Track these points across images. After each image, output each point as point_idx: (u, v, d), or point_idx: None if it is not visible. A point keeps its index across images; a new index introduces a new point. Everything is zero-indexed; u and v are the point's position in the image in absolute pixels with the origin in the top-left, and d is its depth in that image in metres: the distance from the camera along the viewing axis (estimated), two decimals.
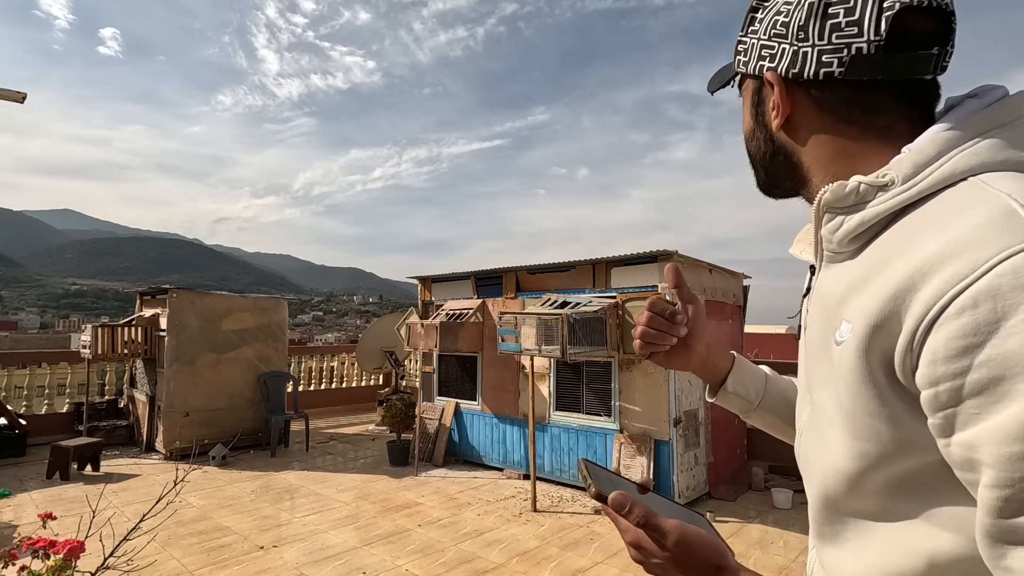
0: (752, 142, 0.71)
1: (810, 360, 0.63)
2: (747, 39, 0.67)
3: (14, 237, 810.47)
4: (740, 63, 0.69)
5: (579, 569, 3.64)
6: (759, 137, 0.69)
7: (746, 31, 0.68)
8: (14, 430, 6.63)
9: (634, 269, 5.18)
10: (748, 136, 0.71)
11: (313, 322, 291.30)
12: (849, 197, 0.55)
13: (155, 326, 7.21)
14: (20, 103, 5.00)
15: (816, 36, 0.58)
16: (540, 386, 5.65)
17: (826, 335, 0.57)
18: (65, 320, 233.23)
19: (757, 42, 0.66)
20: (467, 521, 4.54)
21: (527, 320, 4.90)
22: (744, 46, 0.68)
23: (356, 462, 6.58)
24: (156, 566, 3.60)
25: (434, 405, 6.75)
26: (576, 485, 5.36)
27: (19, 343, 49.07)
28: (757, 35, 0.66)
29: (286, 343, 7.97)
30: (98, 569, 1.69)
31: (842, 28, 0.56)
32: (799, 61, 0.60)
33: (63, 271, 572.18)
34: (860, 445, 0.53)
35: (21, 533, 4.11)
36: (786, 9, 0.61)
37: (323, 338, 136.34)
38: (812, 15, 0.58)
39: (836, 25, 0.57)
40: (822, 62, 0.58)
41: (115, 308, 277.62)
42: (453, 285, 6.80)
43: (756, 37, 0.66)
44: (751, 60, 0.66)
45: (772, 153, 0.68)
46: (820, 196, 0.58)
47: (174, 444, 6.52)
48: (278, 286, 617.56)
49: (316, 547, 3.99)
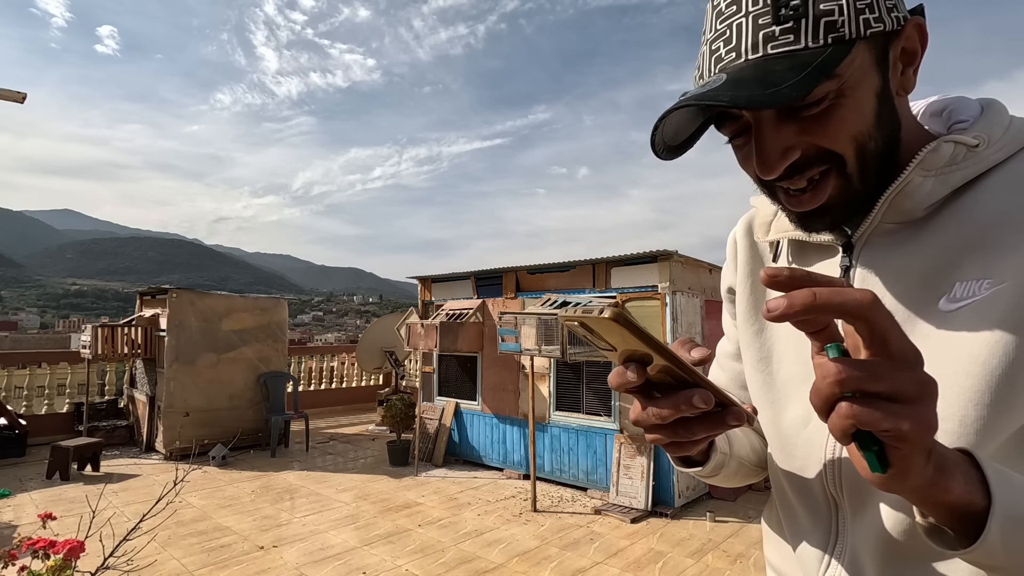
0: (877, 129, 0.53)
1: None
2: (827, 3, 0.49)
3: (14, 237, 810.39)
4: (836, 31, 0.49)
5: (579, 569, 3.64)
6: (886, 120, 0.54)
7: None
8: (14, 430, 6.63)
9: (634, 269, 5.18)
10: (871, 129, 0.53)
11: (313, 322, 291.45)
12: (942, 159, 0.53)
13: (155, 326, 7.21)
14: (20, 103, 5.00)
15: None
16: (540, 386, 5.65)
17: (916, 307, 0.53)
18: (65, 320, 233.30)
19: (844, 0, 0.49)
20: (467, 521, 4.54)
21: (527, 320, 4.90)
22: (830, 15, 0.49)
23: (356, 462, 6.58)
24: (156, 566, 3.60)
25: (434, 405, 6.75)
26: (576, 485, 5.36)
27: (19, 343, 49.10)
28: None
29: (286, 343, 7.97)
30: (98, 569, 1.69)
31: None
32: (900, 4, 0.52)
33: (63, 271, 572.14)
34: (1008, 415, 0.47)
35: (21, 533, 4.11)
36: None
37: (323, 338, 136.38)
38: None
39: None
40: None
41: (115, 308, 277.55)
42: (453, 285, 6.80)
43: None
44: (851, 21, 0.49)
45: (891, 141, 0.55)
46: (920, 157, 0.53)
47: (174, 444, 6.51)
48: (278, 286, 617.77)
49: (316, 547, 3.99)
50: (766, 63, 0.50)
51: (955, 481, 0.39)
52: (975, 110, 0.58)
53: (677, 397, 0.44)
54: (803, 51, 0.49)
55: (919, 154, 0.53)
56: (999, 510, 0.39)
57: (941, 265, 0.53)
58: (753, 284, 0.73)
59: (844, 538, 0.59)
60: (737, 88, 0.49)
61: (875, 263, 0.58)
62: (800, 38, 0.50)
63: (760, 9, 0.51)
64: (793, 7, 0.50)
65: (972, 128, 0.55)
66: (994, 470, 0.41)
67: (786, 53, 0.50)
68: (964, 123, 0.57)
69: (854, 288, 0.36)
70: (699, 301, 5.31)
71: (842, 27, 0.49)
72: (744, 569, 3.63)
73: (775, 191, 0.59)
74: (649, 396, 0.47)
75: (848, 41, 0.49)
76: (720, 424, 0.45)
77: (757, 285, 0.73)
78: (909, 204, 0.55)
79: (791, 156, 0.53)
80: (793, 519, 0.67)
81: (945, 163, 0.53)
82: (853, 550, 0.58)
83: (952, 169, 0.53)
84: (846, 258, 0.61)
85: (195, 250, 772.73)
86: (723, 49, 0.54)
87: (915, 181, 0.54)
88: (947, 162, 0.53)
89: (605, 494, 5.03)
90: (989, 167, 0.53)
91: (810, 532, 0.63)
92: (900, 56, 0.53)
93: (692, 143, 0.59)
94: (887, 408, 0.35)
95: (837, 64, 0.48)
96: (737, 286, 0.78)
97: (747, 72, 0.51)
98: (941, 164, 0.53)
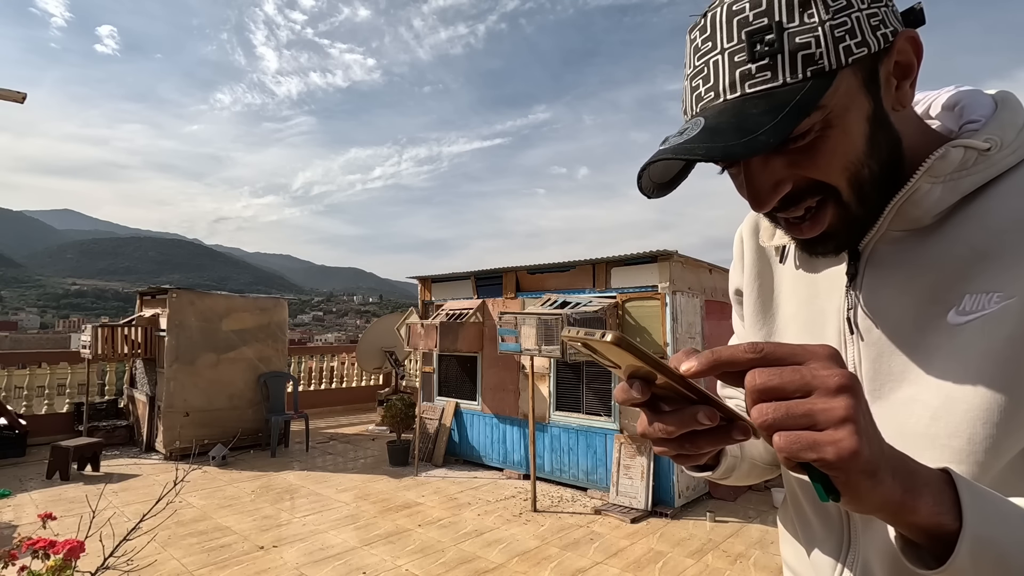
0: (871, 155, 0.51)
1: (884, 355, 0.54)
2: (804, 35, 0.47)
3: (14, 237, 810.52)
4: (815, 64, 0.47)
5: (579, 569, 3.64)
6: (881, 143, 0.52)
7: (783, 41, 0.47)
8: (14, 430, 6.63)
9: (634, 269, 5.18)
10: (863, 155, 0.51)
11: (313, 322, 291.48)
12: (951, 165, 0.51)
13: (155, 326, 7.21)
14: (20, 103, 5.00)
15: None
16: (540, 386, 5.65)
17: (924, 320, 0.52)
18: (65, 320, 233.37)
19: (821, 30, 0.47)
20: (467, 521, 4.54)
21: (527, 320, 4.90)
22: (807, 48, 0.47)
23: (356, 462, 6.58)
24: (156, 566, 3.60)
25: (434, 405, 6.75)
26: (576, 485, 5.36)
27: (19, 343, 49.10)
28: (816, 24, 0.47)
29: (286, 343, 7.97)
30: (98, 569, 1.69)
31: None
32: (889, 18, 0.50)
33: (63, 271, 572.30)
34: (1019, 435, 0.46)
35: (21, 533, 4.11)
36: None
37: (323, 338, 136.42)
38: None
39: None
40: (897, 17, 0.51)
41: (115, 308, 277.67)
42: (453, 285, 6.80)
43: (812, 28, 0.47)
44: (829, 52, 0.47)
45: (889, 156, 0.52)
46: (928, 164, 0.51)
47: (174, 444, 6.51)
48: (278, 286, 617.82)
49: (316, 547, 3.99)
50: (743, 104, 0.49)
51: (923, 502, 0.39)
52: (988, 108, 0.55)
53: (682, 414, 0.44)
54: (781, 88, 0.47)
55: (927, 161, 0.51)
56: (969, 532, 0.38)
57: (950, 276, 0.51)
58: (760, 286, 0.73)
59: (856, 547, 0.58)
60: (712, 138, 0.47)
61: (882, 272, 0.56)
62: (777, 74, 0.47)
63: (735, 46, 0.49)
64: (768, 42, 0.47)
65: (984, 129, 0.52)
66: (970, 492, 0.40)
67: (764, 92, 0.48)
68: (976, 122, 0.54)
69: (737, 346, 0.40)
70: (699, 301, 5.31)
71: (820, 59, 0.47)
72: (744, 569, 3.63)
73: (775, 219, 0.58)
74: (655, 409, 0.46)
75: (829, 73, 0.47)
76: (725, 438, 0.45)
77: (764, 287, 0.72)
78: (917, 212, 0.53)
79: (782, 190, 0.52)
80: (806, 524, 0.66)
81: (954, 169, 0.51)
82: (865, 560, 0.57)
83: (962, 175, 0.51)
84: (852, 266, 0.59)
85: (195, 250, 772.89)
86: (702, 88, 0.52)
87: (923, 188, 0.52)
88: (956, 168, 0.51)
89: (605, 494, 5.03)
90: (1002, 171, 0.51)
91: (823, 540, 0.62)
92: (893, 71, 0.51)
93: (681, 179, 0.57)
94: (808, 438, 0.36)
95: (817, 100, 0.46)
96: (744, 288, 0.77)
97: (724, 117, 0.49)
98: (950, 170, 0.51)
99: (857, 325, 0.57)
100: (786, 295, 0.68)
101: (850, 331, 0.58)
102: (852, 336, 0.57)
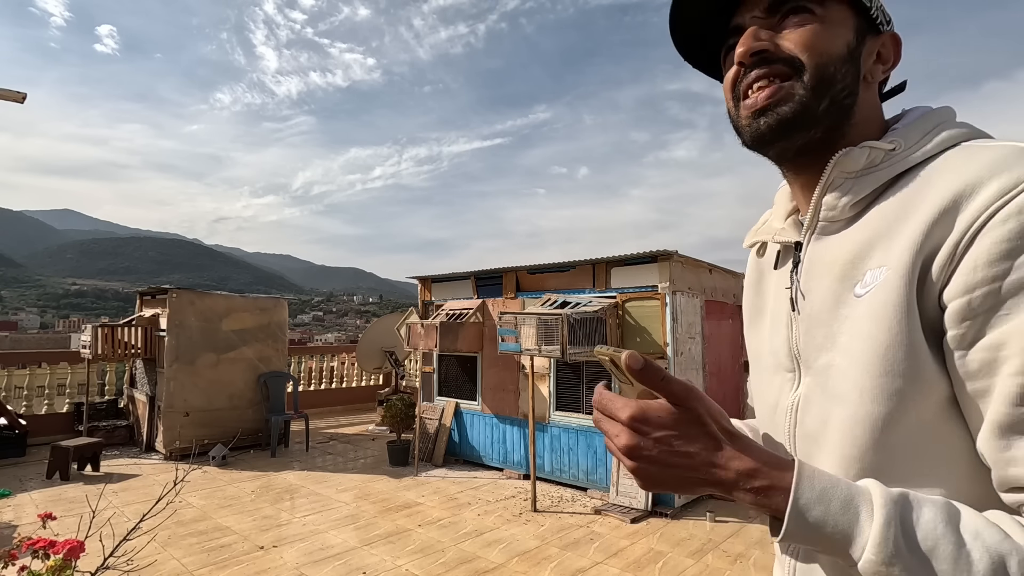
0: (838, 68, 0.61)
1: (811, 329, 0.63)
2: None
3: (14, 237, 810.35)
4: None
5: (579, 569, 3.64)
6: (847, 72, 0.62)
7: None
8: (14, 430, 6.63)
9: (634, 269, 5.18)
10: (834, 61, 0.61)
11: (313, 322, 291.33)
12: (859, 161, 0.60)
13: (155, 326, 7.21)
14: (20, 103, 5.00)
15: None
16: (540, 386, 5.65)
17: (839, 295, 0.60)
18: (65, 320, 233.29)
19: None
20: (467, 521, 4.54)
21: (527, 320, 4.90)
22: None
23: (356, 462, 6.58)
24: (156, 566, 3.60)
25: (434, 405, 6.75)
26: (576, 485, 5.36)
27: (19, 343, 49.08)
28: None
29: (286, 343, 7.97)
30: (98, 569, 1.69)
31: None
32: (887, 13, 0.66)
33: (63, 271, 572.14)
34: (891, 382, 0.54)
35: (21, 533, 4.11)
36: None
37: (323, 338, 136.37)
38: None
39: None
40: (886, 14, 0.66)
41: (115, 308, 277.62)
42: (453, 285, 6.80)
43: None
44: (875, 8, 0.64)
45: (846, 95, 0.62)
46: (835, 160, 0.61)
47: (174, 444, 6.51)
48: (278, 286, 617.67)
49: (316, 547, 3.99)
50: None
51: (756, 481, 0.55)
52: (915, 116, 0.63)
53: None
54: None
55: (834, 157, 0.61)
56: (794, 508, 0.49)
57: (858, 256, 0.59)
58: (753, 292, 0.82)
59: None
60: None
61: (814, 259, 0.65)
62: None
63: None
64: None
65: (894, 132, 0.61)
66: (807, 477, 0.50)
67: None
68: (897, 129, 0.63)
69: (647, 377, 0.55)
70: (699, 301, 5.31)
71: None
72: (744, 569, 3.63)
73: (742, 94, 0.66)
74: None
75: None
76: None
77: (754, 292, 0.81)
78: (837, 203, 0.62)
79: (762, 44, 0.62)
80: None
81: (862, 167, 0.60)
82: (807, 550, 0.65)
83: (872, 170, 0.60)
84: (796, 256, 0.68)
85: (195, 250, 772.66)
86: None
87: (836, 181, 0.61)
88: (865, 165, 0.60)
89: (605, 494, 5.03)
90: (908, 167, 0.58)
91: None
92: (877, 53, 0.64)
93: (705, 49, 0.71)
94: (612, 438, 0.60)
95: None
96: (743, 296, 0.86)
97: None
98: (858, 167, 0.60)
99: (797, 305, 0.67)
100: (772, 295, 0.78)
101: (792, 310, 0.68)
102: (793, 314, 0.67)
